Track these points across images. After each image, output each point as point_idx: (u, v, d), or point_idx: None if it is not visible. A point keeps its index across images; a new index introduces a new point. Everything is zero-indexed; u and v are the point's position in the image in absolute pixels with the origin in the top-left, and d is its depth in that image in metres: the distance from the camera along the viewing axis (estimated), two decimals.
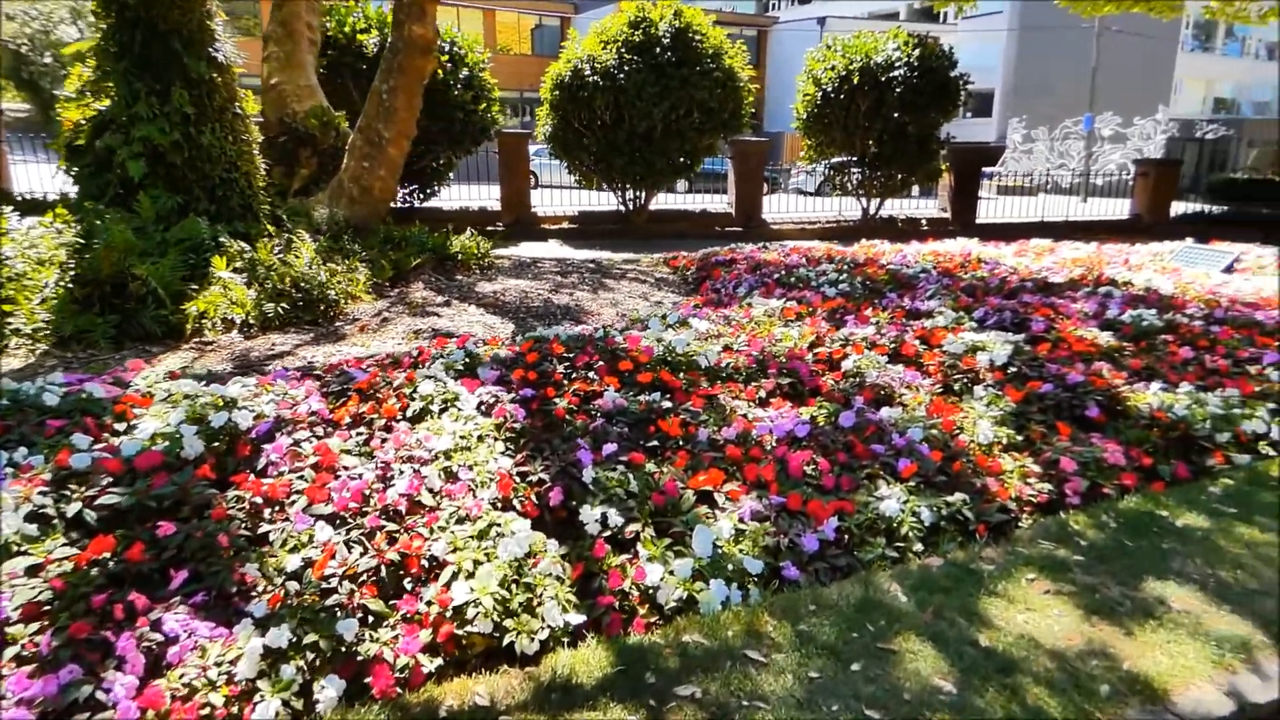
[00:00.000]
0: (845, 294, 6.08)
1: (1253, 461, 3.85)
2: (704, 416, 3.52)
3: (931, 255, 8.19)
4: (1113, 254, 8.70)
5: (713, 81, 13.39)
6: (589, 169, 14.18)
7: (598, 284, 6.93)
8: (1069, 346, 4.55)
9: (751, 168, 15.17)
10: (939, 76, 14.35)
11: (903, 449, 3.46)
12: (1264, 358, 4.78)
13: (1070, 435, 3.81)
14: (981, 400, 3.96)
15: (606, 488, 2.98)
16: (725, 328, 4.69)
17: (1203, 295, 6.14)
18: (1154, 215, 16.67)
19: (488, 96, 13.61)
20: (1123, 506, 3.37)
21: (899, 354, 4.46)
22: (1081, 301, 5.69)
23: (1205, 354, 4.78)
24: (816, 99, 14.55)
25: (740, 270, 7.13)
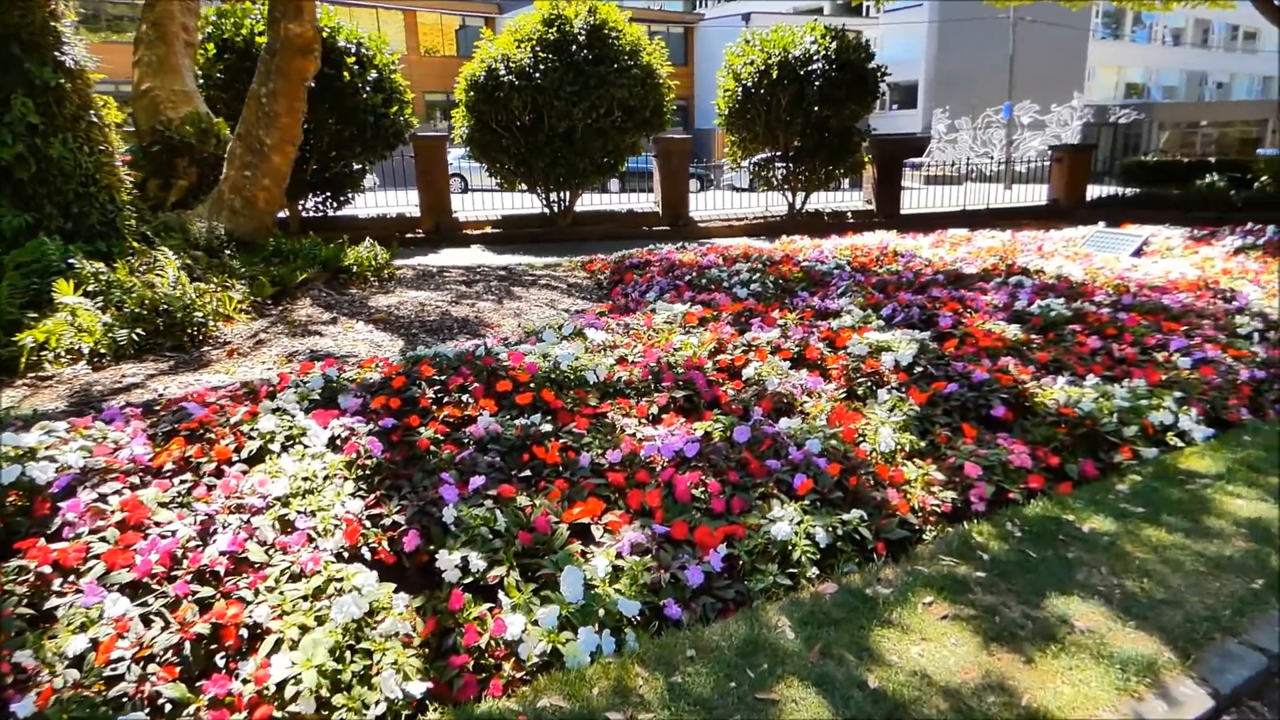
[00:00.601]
0: (757, 294, 5.89)
1: (1160, 454, 3.75)
2: (588, 439, 3.24)
3: (849, 250, 8.08)
4: (1027, 241, 8.74)
5: (631, 79, 13.15)
6: (509, 171, 13.80)
7: (505, 293, 6.60)
8: (975, 342, 4.41)
9: (675, 165, 14.98)
10: (856, 69, 14.38)
11: (800, 463, 3.24)
12: (1171, 344, 4.73)
13: (976, 437, 3.65)
14: (885, 405, 3.77)
15: (470, 527, 2.67)
16: (623, 337, 4.42)
17: (1112, 281, 6.13)
18: (1071, 200, 17.05)
19: (400, 99, 13.10)
20: (1028, 512, 3.21)
21: (803, 358, 4.26)
22: (992, 293, 5.60)
23: (1113, 343, 4.71)
24: (737, 94, 14.44)
25: (654, 273, 6.89)
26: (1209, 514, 3.22)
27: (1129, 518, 3.17)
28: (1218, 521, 3.16)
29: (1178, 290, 5.92)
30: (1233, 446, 3.86)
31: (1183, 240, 8.38)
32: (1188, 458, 3.73)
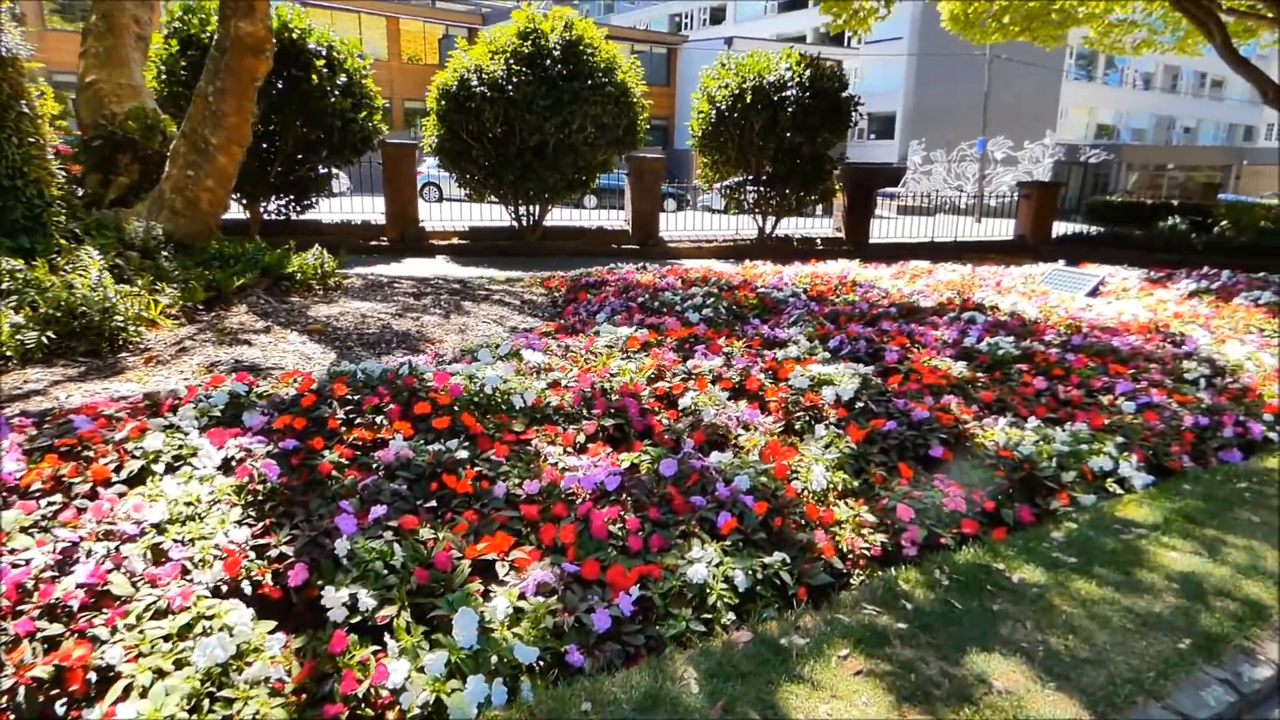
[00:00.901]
0: (709, 320, 5.78)
1: (1099, 501, 3.67)
2: (506, 467, 3.09)
3: (810, 277, 8.02)
4: (986, 276, 8.75)
5: (605, 96, 13.10)
6: (479, 183, 13.66)
7: (454, 307, 6.43)
8: (920, 378, 4.33)
9: (647, 185, 14.94)
10: (830, 97, 14.47)
11: (726, 500, 3.11)
12: (1117, 387, 4.68)
13: (912, 478, 3.55)
14: (821, 441, 3.66)
15: (363, 561, 2.50)
16: (560, 360, 4.28)
17: (1064, 320, 6.12)
18: (1037, 236, 17.26)
19: (370, 104, 12.93)
20: (959, 559, 3.11)
21: (744, 389, 4.15)
22: (944, 328, 5.55)
23: (1059, 384, 4.66)
24: (710, 117, 14.45)
25: (609, 293, 6.77)
26: (1141, 567, 3.14)
27: (1060, 568, 3.08)
28: (1149, 575, 3.08)
29: (1128, 332, 5.91)
30: (1171, 495, 3.80)
31: (1139, 281, 8.44)
32: (1125, 506, 3.66)
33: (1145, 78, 51.59)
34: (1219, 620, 2.80)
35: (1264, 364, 5.62)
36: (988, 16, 22.86)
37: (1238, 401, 5.02)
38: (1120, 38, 24.46)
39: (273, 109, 11.82)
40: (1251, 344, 6.10)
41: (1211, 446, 4.47)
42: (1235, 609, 2.89)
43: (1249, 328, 6.50)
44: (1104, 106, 50.38)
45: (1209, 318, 6.62)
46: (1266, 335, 6.47)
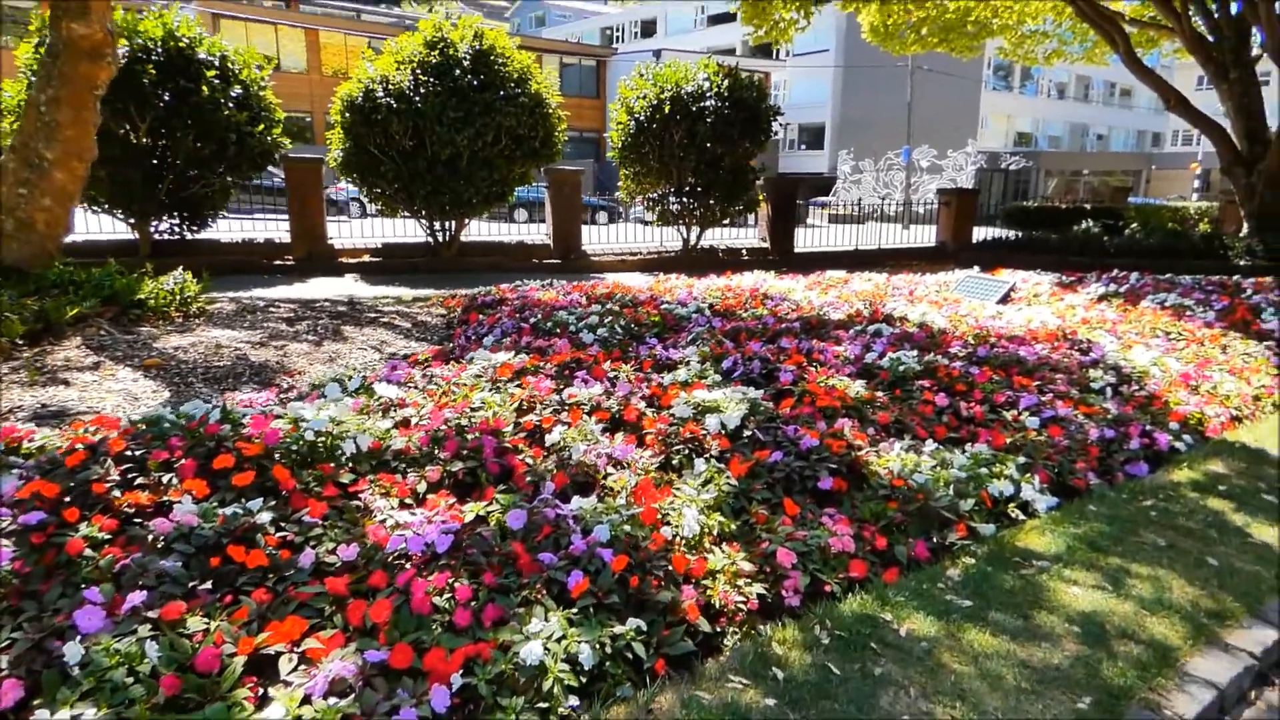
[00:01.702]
0: (603, 340, 5.40)
1: (998, 530, 3.39)
2: (319, 530, 2.64)
3: (722, 290, 7.74)
4: (901, 285, 8.61)
5: (519, 107, 12.68)
6: (390, 197, 13.08)
7: (333, 332, 5.92)
8: (814, 400, 4.03)
9: (567, 197, 14.57)
10: (749, 107, 14.33)
11: (582, 556, 2.72)
12: (1021, 401, 4.46)
13: (798, 515, 3.22)
14: (699, 478, 3.30)
15: (102, 669, 2.02)
16: (418, 394, 3.85)
17: (972, 330, 5.94)
18: (958, 242, 17.43)
19: (269, 117, 12.26)
20: (844, 610, 2.77)
21: (622, 420, 3.78)
22: (847, 343, 5.28)
23: (962, 400, 4.42)
24: (630, 128, 14.17)
25: (503, 314, 6.34)
26: (1041, 608, 2.85)
27: (953, 615, 2.77)
28: (1049, 619, 2.79)
29: (1036, 341, 5.75)
30: (1075, 519, 3.55)
31: (1050, 286, 8.40)
32: (1027, 534, 3.39)
33: (1060, 87, 53.61)
34: (1122, 670, 2.52)
35: (1170, 369, 5.51)
36: (906, 28, 23.28)
37: (1144, 410, 4.86)
38: (1032, 48, 25.20)
39: (161, 122, 11.10)
40: (1158, 348, 6.01)
41: (1118, 460, 4.28)
42: (1139, 654, 2.62)
43: (1155, 331, 6.44)
44: (1022, 115, 52.12)
45: (1116, 322, 6.54)
46: (1173, 339, 6.41)
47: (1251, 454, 4.51)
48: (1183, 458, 4.39)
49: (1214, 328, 6.80)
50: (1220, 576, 3.15)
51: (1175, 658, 2.63)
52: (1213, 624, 2.84)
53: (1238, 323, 7.03)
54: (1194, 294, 7.90)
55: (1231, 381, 5.56)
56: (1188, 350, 6.11)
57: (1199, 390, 5.32)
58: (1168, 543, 3.39)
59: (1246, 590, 3.06)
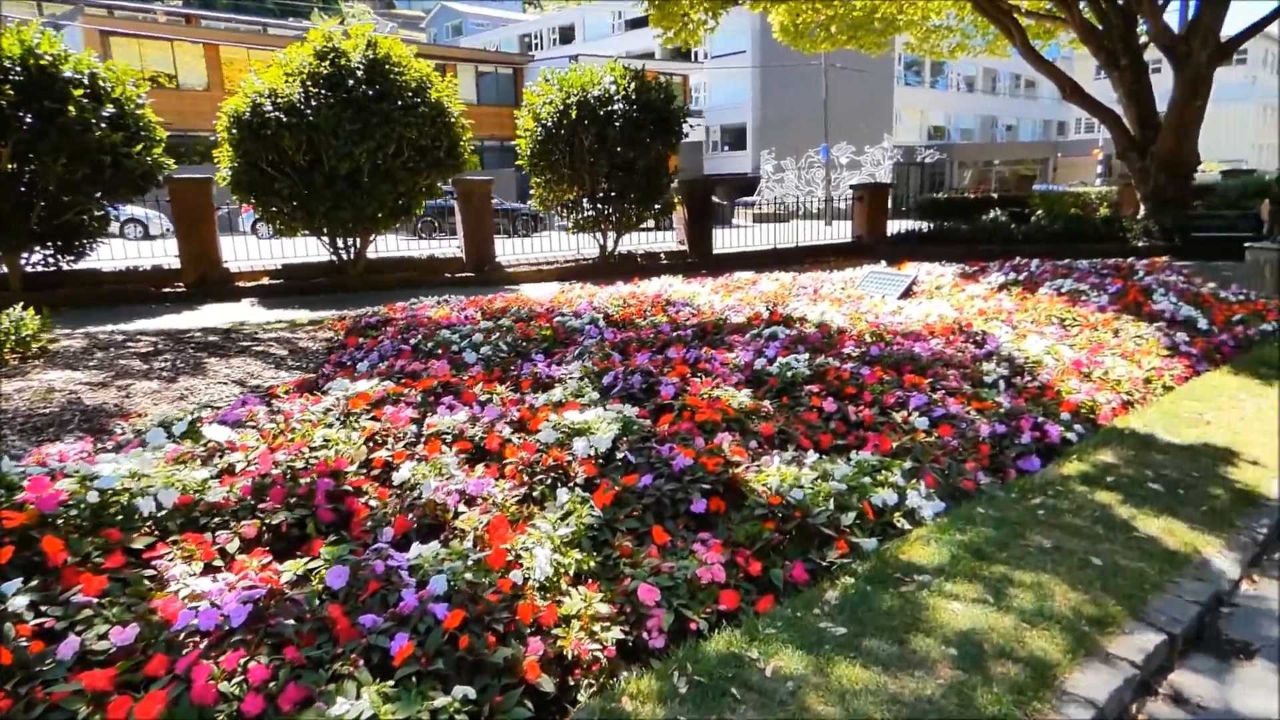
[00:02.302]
0: (487, 360, 5.10)
1: (880, 544, 3.22)
2: (90, 612, 2.27)
3: (626, 298, 7.50)
4: (807, 284, 8.52)
5: (420, 117, 12.25)
6: (286, 216, 12.46)
7: (194, 366, 5.46)
8: (693, 415, 3.81)
9: (478, 208, 14.19)
10: (658, 109, 14.18)
11: (412, 613, 2.42)
12: (911, 401, 4.33)
13: (668, 544, 2.98)
14: (561, 510, 3.04)
15: None
16: (253, 435, 3.48)
17: (870, 328, 5.84)
18: (873, 236, 17.64)
19: (148, 137, 11.55)
20: (709, 649, 2.54)
21: (485, 449, 3.49)
22: (740, 349, 5.10)
23: (850, 404, 4.27)
24: (538, 135, 13.86)
25: (387, 335, 5.97)
26: (918, 630, 2.67)
27: (825, 646, 2.56)
28: (925, 642, 2.61)
29: (933, 336, 5.68)
30: (962, 525, 3.40)
31: (954, 278, 8.42)
32: (911, 545, 3.22)
33: (969, 81, 55.37)
34: (997, 696, 2.35)
35: (1063, 357, 5.49)
36: (816, 27, 23.56)
37: (1037, 401, 4.80)
38: (938, 43, 25.83)
39: (27, 146, 10.32)
40: (1052, 336, 6.01)
41: (1010, 456, 4.18)
42: (1016, 675, 2.45)
43: (1050, 319, 6.46)
44: (934, 109, 53.65)
45: (1012, 312, 6.54)
46: (1067, 325, 6.43)
47: (1140, 440, 4.48)
48: (1074, 449, 4.32)
49: (1107, 311, 6.87)
50: (1104, 577, 3.03)
51: (1054, 675, 2.47)
52: (1094, 632, 2.70)
53: (1130, 305, 7.13)
54: (1090, 278, 8.02)
55: (1123, 365, 5.58)
56: (1081, 336, 6.13)
57: (1091, 377, 5.30)
58: (1053, 544, 3.27)
59: (1130, 591, 2.95)
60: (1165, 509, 3.62)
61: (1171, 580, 3.07)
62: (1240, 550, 3.38)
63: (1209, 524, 3.52)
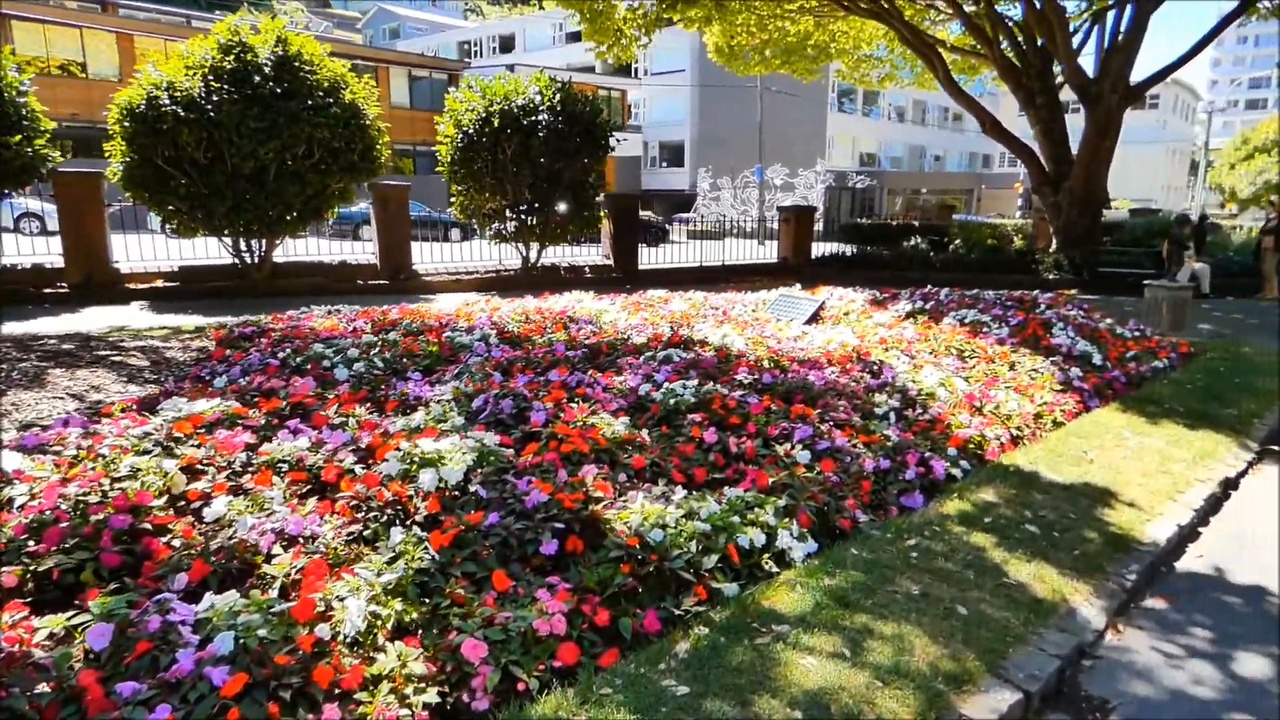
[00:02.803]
0: (359, 376, 4.77)
1: (743, 591, 3.02)
2: None
3: (531, 313, 7.22)
4: (719, 304, 8.41)
5: (332, 118, 11.77)
6: (184, 215, 11.76)
7: (33, 378, 4.94)
8: (559, 445, 3.57)
9: (394, 214, 13.73)
10: (584, 121, 13.99)
11: (183, 680, 2.10)
12: (795, 433, 4.18)
13: (508, 590, 2.72)
14: (395, 549, 2.75)
15: None
16: (49, 464, 3.09)
17: (768, 354, 5.71)
18: (798, 257, 17.79)
19: (30, 127, 10.79)
20: (532, 715, 2.29)
21: (324, 481, 3.17)
22: (629, 372, 4.90)
23: (734, 434, 4.09)
24: (458, 141, 13.49)
25: (261, 347, 5.55)
26: (766, 689, 2.47)
27: (663, 709, 2.34)
28: (771, 704, 2.41)
29: (830, 364, 5.58)
30: (831, 568, 3.24)
31: (863, 304, 8.43)
32: (776, 591, 3.04)
33: (899, 111, 57.06)
34: None
35: (957, 390, 5.45)
36: (750, 50, 23.82)
37: (926, 435, 4.72)
38: (868, 72, 26.43)
39: None
40: (949, 368, 5.99)
41: (893, 493, 4.06)
42: None
43: (950, 350, 6.46)
44: (866, 137, 55.07)
45: (913, 341, 6.51)
46: (965, 357, 6.44)
47: (1023, 478, 4.43)
48: (957, 486, 4.24)
49: (1006, 344, 6.92)
50: (968, 628, 2.90)
51: None
52: (950, 690, 2.55)
53: (1029, 338, 7.21)
54: (994, 310, 8.11)
55: (1016, 400, 5.57)
56: (979, 368, 6.14)
57: (983, 411, 5.27)
58: (922, 590, 3.13)
59: (992, 644, 2.82)
60: (1038, 553, 3.54)
61: (1035, 631, 2.96)
62: (1108, 598, 3.31)
63: (1080, 570, 3.45)
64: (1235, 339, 10.23)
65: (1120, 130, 17.49)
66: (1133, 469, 4.73)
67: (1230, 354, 8.47)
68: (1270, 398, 6.81)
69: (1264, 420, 6.16)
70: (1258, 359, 8.36)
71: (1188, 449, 5.20)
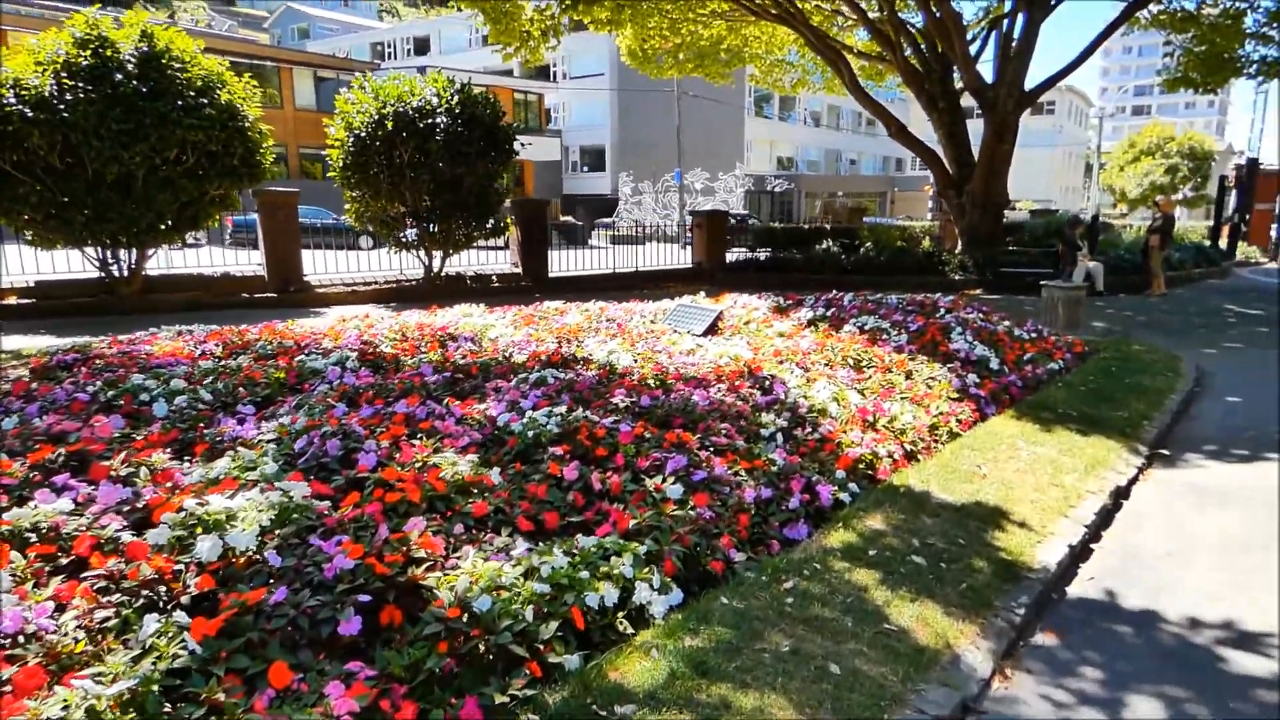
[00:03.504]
0: (180, 412, 4.18)
1: (586, 663, 2.61)
2: None
3: (404, 330, 6.68)
4: (619, 315, 8.02)
5: (206, 120, 10.89)
6: (39, 225, 10.69)
7: None
8: (384, 493, 3.10)
9: (282, 222, 12.88)
10: (485, 125, 13.44)
11: None
12: (669, 463, 3.81)
13: (290, 685, 2.23)
14: (147, 641, 2.23)
15: None
16: None
17: (656, 371, 5.34)
18: (711, 262, 17.61)
19: None
20: None
21: (78, 556, 2.63)
22: (493, 399, 4.45)
23: (599, 468, 3.69)
24: (349, 145, 12.75)
25: (80, 377, 4.87)
26: None
27: None
28: None
29: (720, 380, 5.25)
30: (696, 623, 2.87)
31: (765, 312, 8.17)
32: (627, 659, 2.64)
33: (815, 116, 58.14)
34: None
35: (849, 404, 5.19)
36: (663, 53, 23.61)
37: (814, 456, 4.42)
38: (781, 77, 26.57)
39: None
40: (844, 380, 5.74)
41: (774, 525, 3.72)
42: None
43: (846, 360, 6.22)
44: (783, 141, 55.88)
45: (808, 352, 6.24)
46: (863, 367, 6.21)
47: (914, 500, 4.17)
48: (844, 513, 3.94)
49: (905, 351, 6.75)
50: (839, 692, 2.56)
51: None
52: None
53: (928, 344, 7.06)
54: (895, 315, 7.97)
55: (911, 412, 5.35)
56: (874, 379, 5.91)
57: (876, 425, 5.02)
58: (793, 646, 2.78)
59: (864, 712, 2.48)
60: (924, 589, 3.25)
61: (916, 688, 2.65)
62: (995, 638, 3.04)
63: (967, 607, 3.17)
64: (1126, 336, 10.45)
65: (1017, 134, 17.94)
66: (1025, 483, 4.55)
67: (1121, 353, 8.57)
68: (1159, 397, 6.84)
69: (1153, 421, 6.14)
70: (1146, 356, 8.48)
71: (1080, 457, 5.07)
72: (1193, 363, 8.53)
